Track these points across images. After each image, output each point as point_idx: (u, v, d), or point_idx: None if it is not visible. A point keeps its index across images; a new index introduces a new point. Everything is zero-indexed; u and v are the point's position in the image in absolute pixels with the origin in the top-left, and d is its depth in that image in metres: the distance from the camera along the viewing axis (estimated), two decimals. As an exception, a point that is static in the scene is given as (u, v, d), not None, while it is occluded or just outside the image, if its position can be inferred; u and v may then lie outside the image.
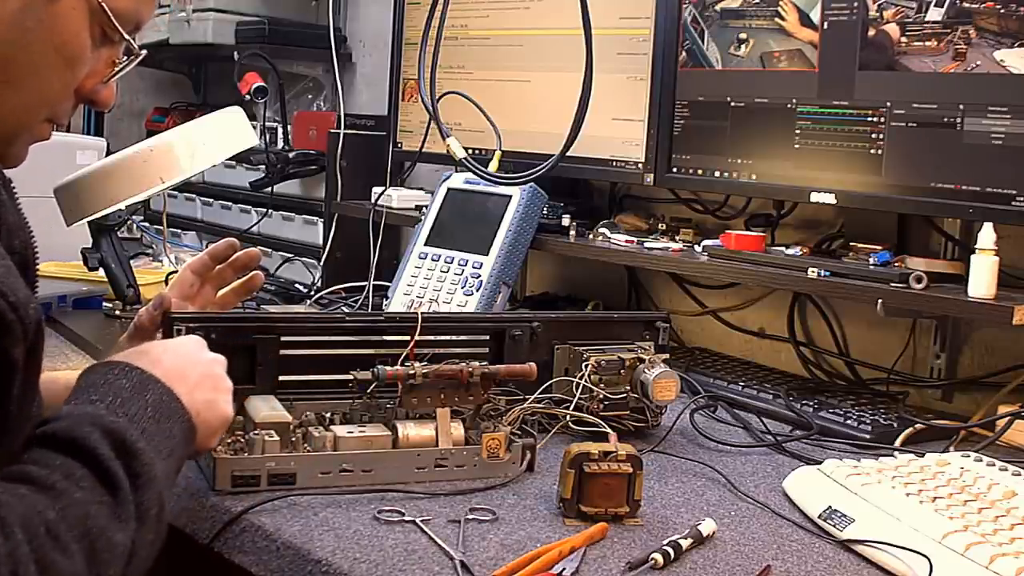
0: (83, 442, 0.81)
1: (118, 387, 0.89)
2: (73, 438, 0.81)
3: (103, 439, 0.82)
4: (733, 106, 1.75)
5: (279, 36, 2.78)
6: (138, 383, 0.91)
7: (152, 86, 3.77)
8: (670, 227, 1.96)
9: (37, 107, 0.92)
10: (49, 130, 0.95)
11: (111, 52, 0.96)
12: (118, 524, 0.80)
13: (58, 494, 0.77)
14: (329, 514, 1.08)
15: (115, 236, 1.97)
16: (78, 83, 0.94)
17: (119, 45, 0.96)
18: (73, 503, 0.77)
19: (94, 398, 0.87)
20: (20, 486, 0.77)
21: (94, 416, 0.84)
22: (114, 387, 0.89)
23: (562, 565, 0.98)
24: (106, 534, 0.78)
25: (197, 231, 2.97)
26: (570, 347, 1.39)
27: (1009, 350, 1.61)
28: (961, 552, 1.00)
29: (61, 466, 0.79)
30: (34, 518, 0.74)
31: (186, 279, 1.38)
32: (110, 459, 0.81)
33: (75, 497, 0.78)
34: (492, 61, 2.16)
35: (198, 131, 1.49)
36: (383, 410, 1.25)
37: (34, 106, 0.92)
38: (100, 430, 0.83)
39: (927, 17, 1.50)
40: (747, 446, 1.42)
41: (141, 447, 0.84)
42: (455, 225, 2.00)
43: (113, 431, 0.83)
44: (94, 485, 0.80)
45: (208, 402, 0.97)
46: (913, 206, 1.56)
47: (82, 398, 0.88)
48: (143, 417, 0.88)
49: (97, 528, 0.78)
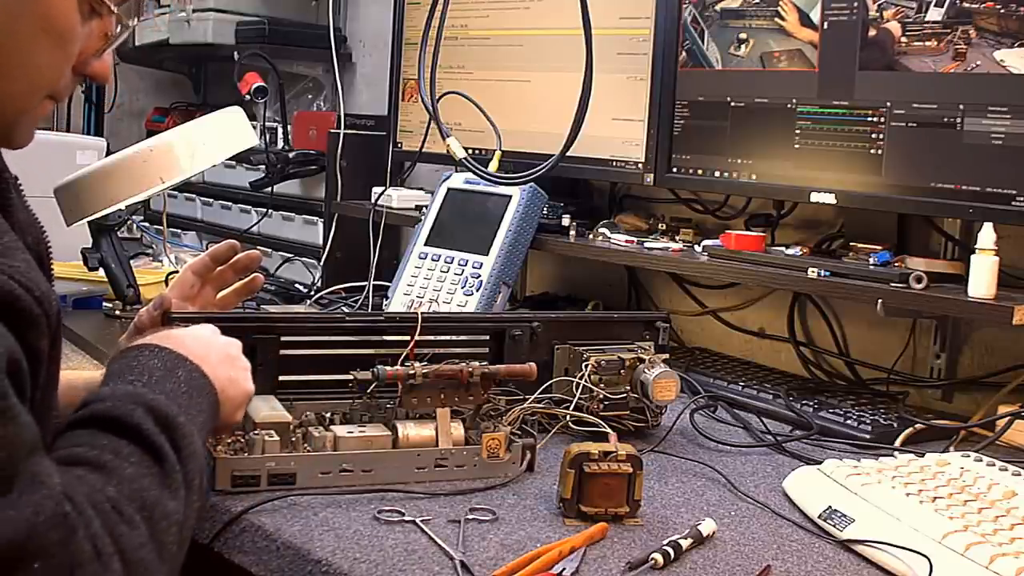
0: (128, 420, 0.85)
1: (151, 367, 0.94)
2: (117, 416, 0.85)
3: (147, 415, 0.86)
4: (733, 106, 1.75)
5: (279, 36, 2.78)
6: (169, 362, 0.96)
7: (152, 86, 3.77)
8: (670, 227, 1.96)
9: (34, 91, 0.92)
10: (50, 107, 0.95)
11: (102, 24, 0.95)
12: (170, 493, 0.84)
13: (111, 471, 0.81)
14: (329, 514, 1.08)
15: (115, 236, 1.97)
16: (73, 61, 0.93)
17: (109, 17, 0.95)
18: (127, 478, 0.81)
19: (131, 378, 0.92)
20: (74, 468, 0.80)
21: (135, 394, 0.89)
22: (147, 367, 0.94)
23: (562, 565, 0.98)
24: (161, 503, 0.82)
25: (197, 231, 2.97)
26: (570, 347, 1.39)
27: (1009, 350, 1.61)
28: (961, 552, 1.00)
29: (108, 445, 0.83)
30: (97, 496, 0.78)
31: (186, 280, 1.38)
32: (156, 434, 0.85)
33: (127, 472, 0.81)
34: (492, 61, 2.16)
35: (198, 131, 1.49)
36: (383, 410, 1.25)
37: (31, 91, 0.91)
38: (143, 407, 0.87)
39: (927, 17, 1.50)
40: (747, 446, 1.42)
41: (182, 421, 0.88)
42: (455, 225, 2.00)
43: (155, 407, 0.87)
44: (142, 459, 0.83)
45: (231, 379, 1.03)
46: (913, 206, 1.56)
47: (118, 379, 0.92)
48: (178, 393, 0.93)
49: (152, 499, 0.82)
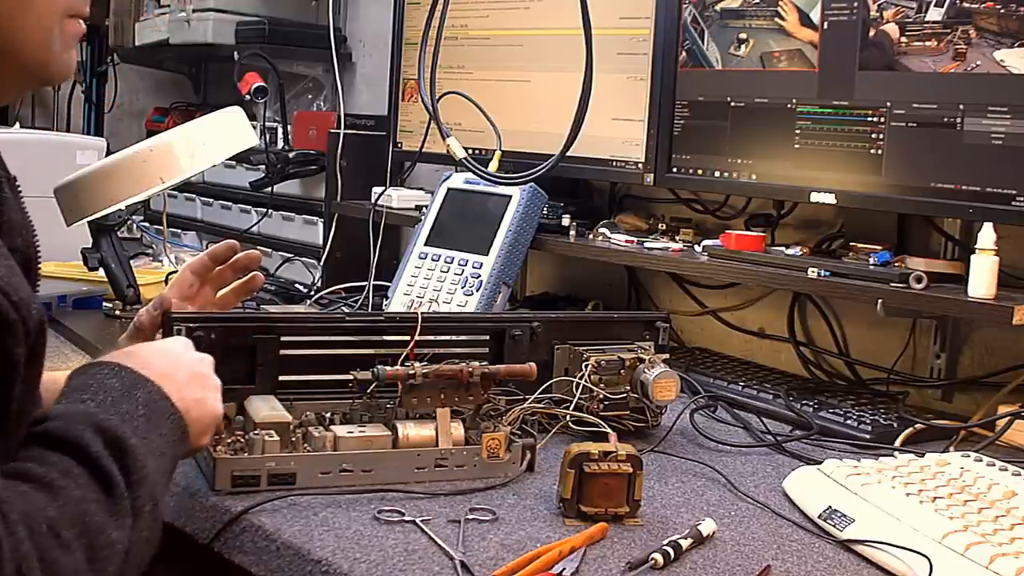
0: (77, 440, 0.82)
1: (108, 386, 0.90)
2: (67, 437, 0.82)
3: (96, 437, 0.83)
4: (733, 106, 1.75)
5: (279, 36, 2.78)
6: (128, 382, 0.91)
7: (152, 86, 3.77)
8: (670, 227, 1.96)
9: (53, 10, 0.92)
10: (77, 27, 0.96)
11: None
12: (115, 521, 0.80)
13: (56, 491, 0.78)
14: (329, 514, 1.08)
15: (115, 236, 1.97)
16: None
17: None
18: (71, 500, 0.78)
19: (85, 397, 0.88)
20: (19, 483, 0.77)
21: (86, 414, 0.85)
22: (104, 386, 0.90)
23: (562, 565, 0.98)
24: (104, 531, 0.79)
25: (197, 231, 2.97)
26: (570, 347, 1.39)
27: (1009, 350, 1.61)
28: (961, 552, 1.00)
29: (58, 464, 0.80)
30: (35, 515, 0.75)
31: (185, 279, 1.38)
32: (104, 457, 0.82)
33: (73, 495, 0.78)
34: (492, 61, 2.16)
35: (198, 131, 1.49)
36: (383, 410, 1.25)
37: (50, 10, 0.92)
38: (92, 428, 0.83)
39: (927, 17, 1.50)
40: (747, 446, 1.42)
41: (133, 444, 0.85)
42: (455, 225, 2.00)
43: (105, 429, 0.84)
44: (90, 482, 0.80)
45: (197, 400, 0.98)
46: (913, 206, 1.56)
47: (73, 397, 0.88)
48: (134, 415, 0.88)
49: (95, 525, 0.78)
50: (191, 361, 1.01)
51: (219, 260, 1.39)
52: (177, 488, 1.14)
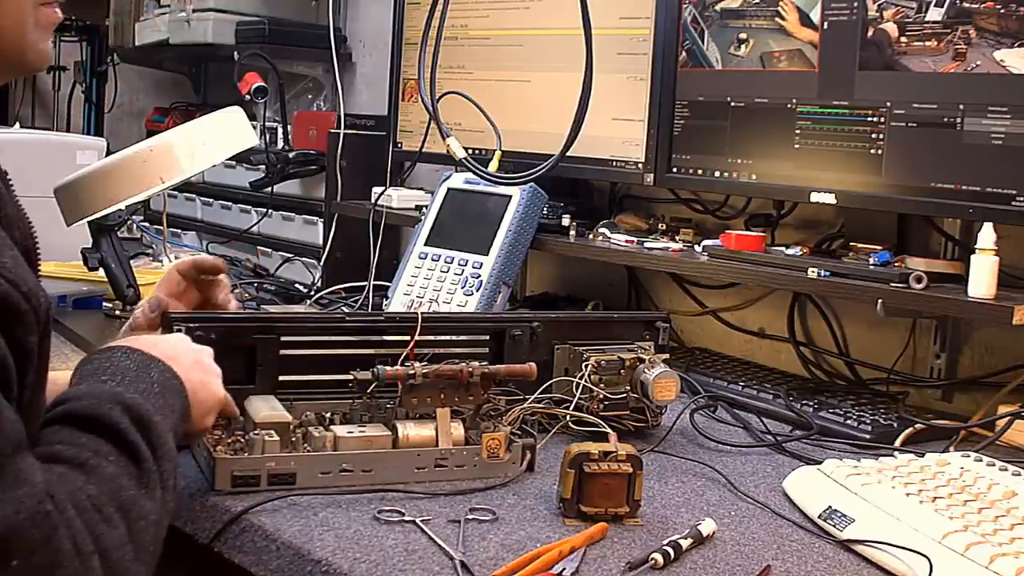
0: (106, 419, 0.86)
1: (124, 367, 0.95)
2: (96, 415, 0.86)
3: (124, 414, 0.87)
4: (733, 106, 1.75)
5: (279, 36, 2.78)
6: (141, 363, 0.97)
7: (152, 86, 3.78)
8: (670, 227, 1.96)
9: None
10: (51, 14, 0.96)
11: None
12: (147, 493, 0.85)
13: (91, 469, 0.82)
14: (329, 514, 1.08)
15: (115, 236, 1.97)
16: None
17: None
18: (106, 477, 0.82)
19: (104, 378, 0.93)
20: (56, 466, 0.81)
21: (112, 393, 0.90)
22: (120, 368, 0.95)
23: (562, 565, 0.98)
24: (138, 502, 0.83)
25: (197, 231, 2.97)
26: (570, 347, 1.39)
27: (1009, 350, 1.61)
28: (961, 552, 1.00)
29: (88, 443, 0.84)
30: (78, 494, 0.79)
31: (173, 278, 1.40)
32: (132, 433, 0.86)
33: (107, 472, 0.82)
34: (492, 61, 2.16)
35: (198, 131, 1.49)
36: (383, 410, 1.25)
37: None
38: (120, 406, 0.88)
39: (927, 17, 1.50)
40: (747, 446, 1.42)
41: (157, 420, 0.89)
42: (455, 225, 2.00)
43: (131, 406, 0.88)
44: (120, 458, 0.84)
45: (202, 382, 1.04)
46: (913, 206, 1.56)
47: (94, 379, 0.93)
48: (151, 392, 0.94)
49: (130, 498, 0.83)
50: (192, 350, 1.08)
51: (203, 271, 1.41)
52: (177, 488, 1.14)
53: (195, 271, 1.40)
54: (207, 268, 1.41)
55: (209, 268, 1.40)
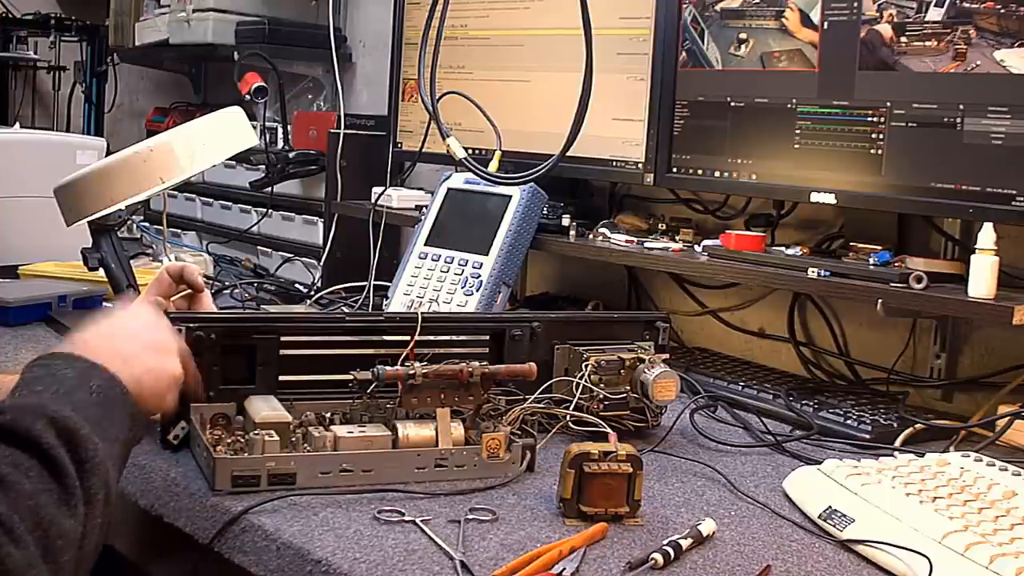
0: (27, 432, 0.83)
1: (62, 377, 0.92)
2: (16, 429, 0.83)
3: (47, 428, 0.84)
4: (733, 106, 1.75)
5: (279, 36, 2.78)
6: (82, 371, 0.94)
7: (152, 86, 3.78)
8: (670, 227, 1.96)
9: None
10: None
11: None
12: (67, 511, 0.81)
13: (8, 486, 0.79)
14: (329, 514, 1.08)
15: (115, 236, 1.96)
16: None
17: None
18: (23, 494, 0.79)
19: (38, 388, 0.90)
20: None
21: (36, 406, 0.86)
22: (58, 377, 0.92)
23: (562, 565, 0.98)
24: (57, 522, 0.80)
25: (197, 231, 2.97)
26: (570, 347, 1.39)
27: (1009, 350, 1.61)
28: (961, 552, 1.00)
29: (8, 457, 0.81)
30: None
31: (164, 279, 1.40)
32: (55, 447, 0.83)
33: (25, 488, 0.79)
34: (492, 61, 2.16)
35: (198, 131, 1.49)
36: (383, 410, 1.25)
37: None
38: (43, 419, 0.85)
39: (927, 17, 1.50)
40: (747, 446, 1.42)
41: (86, 433, 0.86)
42: (455, 225, 2.00)
43: (56, 419, 0.85)
44: (41, 474, 0.81)
45: (150, 370, 1.03)
46: (913, 206, 1.56)
47: (26, 390, 0.90)
48: (87, 403, 0.91)
49: (48, 517, 0.79)
50: (144, 327, 1.07)
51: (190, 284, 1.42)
52: (177, 488, 1.14)
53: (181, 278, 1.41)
54: (192, 284, 1.41)
55: (193, 284, 1.41)
